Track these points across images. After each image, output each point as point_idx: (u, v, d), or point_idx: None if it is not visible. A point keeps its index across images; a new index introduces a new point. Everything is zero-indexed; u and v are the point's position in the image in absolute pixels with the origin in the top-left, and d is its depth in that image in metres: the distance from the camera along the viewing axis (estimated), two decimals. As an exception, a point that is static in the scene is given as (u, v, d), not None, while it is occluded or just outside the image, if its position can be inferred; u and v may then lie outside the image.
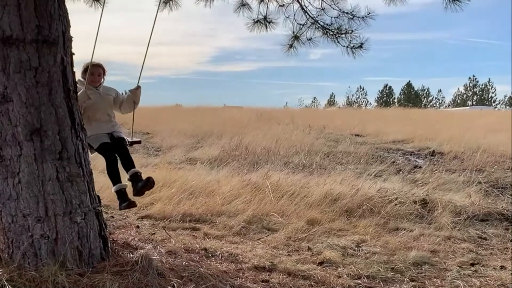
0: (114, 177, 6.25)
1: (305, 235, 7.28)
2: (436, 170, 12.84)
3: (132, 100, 6.54)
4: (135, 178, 6.24)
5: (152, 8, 7.94)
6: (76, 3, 7.84)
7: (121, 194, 6.26)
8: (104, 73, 6.51)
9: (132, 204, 6.33)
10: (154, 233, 6.96)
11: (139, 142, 7.18)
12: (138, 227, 7.27)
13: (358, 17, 7.43)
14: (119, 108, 6.61)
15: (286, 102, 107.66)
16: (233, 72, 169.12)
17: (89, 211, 4.59)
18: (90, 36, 5.90)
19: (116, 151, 6.30)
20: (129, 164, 6.31)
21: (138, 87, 6.54)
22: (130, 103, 6.55)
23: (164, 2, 7.87)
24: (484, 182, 11.17)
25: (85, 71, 6.25)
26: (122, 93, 6.67)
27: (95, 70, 6.31)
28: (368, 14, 7.41)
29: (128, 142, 6.60)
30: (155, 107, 33.83)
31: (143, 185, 6.17)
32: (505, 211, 8.95)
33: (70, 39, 4.51)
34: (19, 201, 4.30)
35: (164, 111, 31.68)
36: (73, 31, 4.58)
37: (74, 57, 4.62)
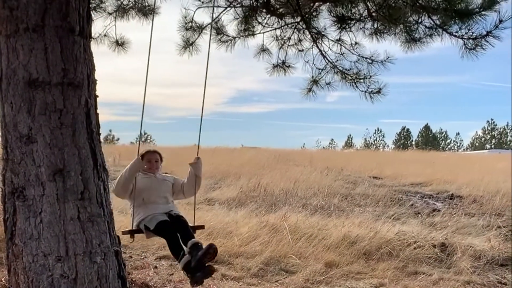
0: (178, 254, 5.61)
1: (323, 277, 7.25)
2: (455, 213, 12.76)
3: (194, 175, 6.14)
4: (195, 247, 5.54)
5: (171, 51, 8.11)
6: (100, 47, 8.04)
7: (190, 266, 5.54)
8: (161, 160, 6.45)
9: (210, 271, 5.54)
10: (172, 274, 6.98)
11: (202, 227, 6.44)
12: (156, 267, 7.29)
13: (377, 61, 7.50)
14: (182, 193, 6.28)
15: (304, 144, 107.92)
16: (250, 113, 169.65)
17: (108, 251, 4.62)
18: (111, 78, 5.97)
19: (176, 228, 5.77)
20: (188, 238, 5.68)
21: (198, 158, 6.18)
22: (192, 180, 6.16)
23: (184, 47, 8.02)
24: (504, 227, 11.07)
25: (141, 158, 6.13)
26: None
27: (152, 157, 6.30)
28: (387, 59, 7.49)
29: (191, 226, 5.96)
30: (174, 147, 33.96)
31: (203, 253, 5.43)
32: (525, 256, 8.85)
33: (94, 82, 4.60)
34: (40, 240, 4.33)
35: (183, 151, 31.75)
36: (96, 73, 4.68)
37: (98, 99, 4.70)
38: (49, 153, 4.24)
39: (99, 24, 7.89)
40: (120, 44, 8.23)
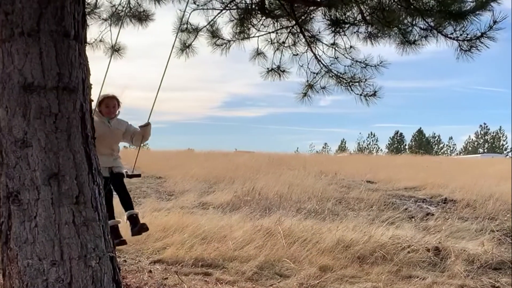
0: (108, 212, 6.18)
1: (318, 281, 7.25)
2: (448, 217, 12.79)
3: (141, 135, 6.75)
4: (132, 220, 6.52)
5: (165, 56, 8.11)
6: (96, 52, 8.04)
7: (114, 230, 6.18)
8: (118, 105, 6.71)
9: (123, 242, 6.38)
10: (167, 278, 6.97)
11: (138, 175, 7.27)
12: (150, 271, 7.28)
13: (371, 66, 7.52)
14: (130, 140, 6.83)
15: (297, 148, 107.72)
16: (244, 117, 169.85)
17: (103, 255, 4.61)
18: (105, 82, 6.04)
19: (114, 186, 6.48)
20: (126, 204, 6.60)
21: (148, 124, 6.73)
22: (139, 137, 6.76)
23: (181, 49, 8.00)
24: (497, 231, 11.10)
25: (100, 103, 6.49)
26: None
27: (110, 102, 6.58)
28: (380, 63, 7.51)
29: (128, 174, 6.80)
30: (168, 152, 34.00)
31: (137, 230, 6.45)
32: (519, 259, 8.88)
33: (89, 86, 4.60)
34: (35, 244, 4.32)
35: (177, 155, 31.79)
36: (91, 78, 4.68)
37: (92, 103, 4.70)
38: (44, 157, 4.23)
39: (94, 29, 7.89)
40: (116, 50, 8.23)
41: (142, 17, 7.91)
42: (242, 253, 8.38)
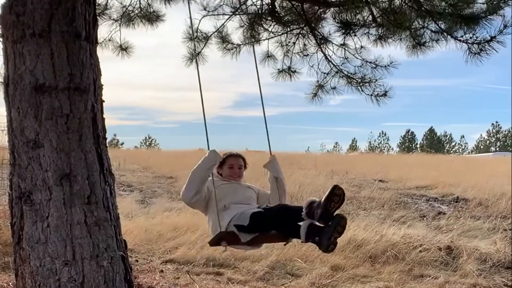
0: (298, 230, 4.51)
1: (329, 281, 7.24)
2: (460, 216, 12.74)
3: (274, 178, 5.34)
4: (313, 203, 4.54)
5: (175, 56, 8.10)
6: (104, 52, 8.06)
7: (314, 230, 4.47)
8: (245, 166, 5.46)
9: (342, 220, 4.49)
10: (178, 278, 6.98)
11: None
12: (162, 271, 7.29)
13: (381, 66, 7.50)
14: (268, 202, 5.30)
15: (308, 147, 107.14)
16: (254, 117, 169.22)
17: (115, 255, 4.63)
18: (115, 82, 5.95)
19: (278, 211, 4.76)
20: (296, 210, 4.62)
21: (273, 157, 5.40)
22: (274, 185, 5.33)
23: (190, 58, 7.97)
24: (510, 229, 11.05)
25: (221, 164, 5.29)
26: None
27: (234, 162, 5.35)
28: (391, 63, 7.48)
29: None
30: (179, 151, 33.97)
31: (327, 197, 4.40)
32: (531, 258, 8.83)
33: (100, 86, 4.62)
34: (48, 244, 4.35)
35: (188, 155, 31.72)
36: (102, 79, 4.69)
37: (103, 104, 4.72)
38: (56, 158, 4.26)
39: (104, 29, 7.90)
40: (124, 48, 8.24)
41: (152, 18, 7.91)
42: (254, 252, 8.37)
